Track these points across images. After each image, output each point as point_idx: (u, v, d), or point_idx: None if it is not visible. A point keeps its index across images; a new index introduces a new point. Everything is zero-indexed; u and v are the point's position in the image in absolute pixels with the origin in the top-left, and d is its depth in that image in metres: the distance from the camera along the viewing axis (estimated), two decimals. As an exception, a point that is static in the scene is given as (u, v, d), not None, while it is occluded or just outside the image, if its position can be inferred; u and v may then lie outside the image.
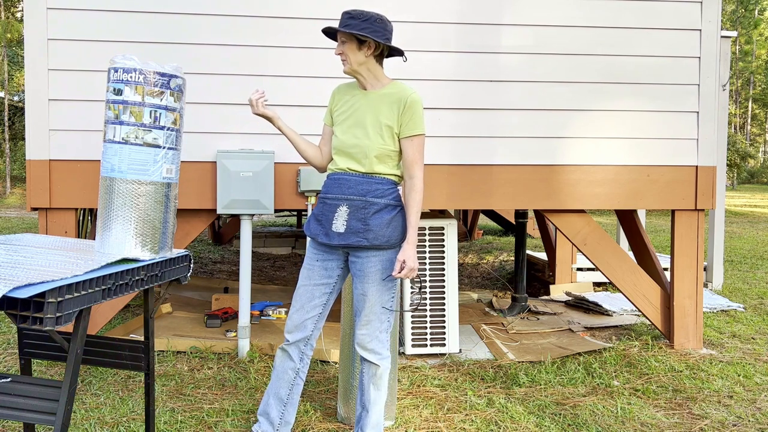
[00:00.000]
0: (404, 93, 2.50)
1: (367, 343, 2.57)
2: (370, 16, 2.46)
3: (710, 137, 4.32)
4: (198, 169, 3.99)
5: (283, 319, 4.87)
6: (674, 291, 4.38)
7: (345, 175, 2.52)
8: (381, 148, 2.49)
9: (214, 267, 7.86)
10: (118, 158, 2.14)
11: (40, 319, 1.66)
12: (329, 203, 2.54)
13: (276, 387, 2.67)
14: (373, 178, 2.50)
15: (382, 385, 2.62)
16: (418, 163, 2.50)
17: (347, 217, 2.48)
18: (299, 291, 2.63)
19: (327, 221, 2.53)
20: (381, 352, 2.59)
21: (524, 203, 4.21)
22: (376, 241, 2.47)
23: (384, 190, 2.50)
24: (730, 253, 9.30)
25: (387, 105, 2.51)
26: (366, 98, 2.54)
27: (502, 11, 4.14)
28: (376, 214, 2.47)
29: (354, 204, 2.49)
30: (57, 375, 3.69)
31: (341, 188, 2.51)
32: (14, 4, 22.63)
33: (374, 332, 2.57)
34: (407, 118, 2.49)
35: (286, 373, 2.66)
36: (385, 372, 2.62)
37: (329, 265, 2.61)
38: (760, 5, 35.51)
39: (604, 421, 3.15)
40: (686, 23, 4.27)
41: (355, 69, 2.51)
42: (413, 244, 2.48)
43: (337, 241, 2.50)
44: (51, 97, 3.86)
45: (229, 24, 3.96)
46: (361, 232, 2.47)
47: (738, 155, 18.68)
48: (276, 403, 2.67)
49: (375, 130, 2.50)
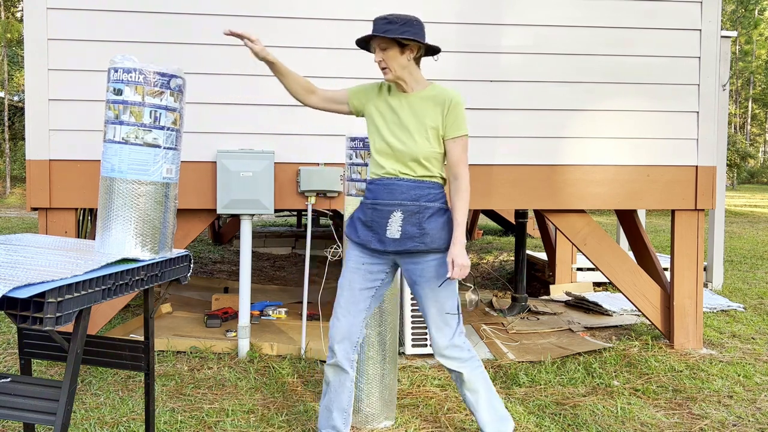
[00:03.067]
0: (447, 95, 2.48)
1: (444, 350, 2.54)
2: (408, 19, 2.42)
3: (710, 137, 4.32)
4: (198, 169, 3.99)
5: (283, 318, 4.87)
6: (674, 291, 4.38)
7: (395, 180, 2.49)
8: (428, 151, 2.47)
9: (214, 267, 7.86)
10: (118, 158, 2.14)
11: (40, 319, 1.66)
12: (380, 209, 2.50)
13: (337, 401, 2.65)
14: (424, 182, 2.49)
15: (479, 387, 2.58)
16: (463, 164, 2.49)
17: (402, 222, 2.47)
18: (343, 296, 2.59)
19: (380, 227, 2.50)
20: (460, 356, 2.56)
21: (524, 203, 4.21)
22: (433, 245, 2.46)
23: (435, 194, 2.50)
24: (730, 253, 9.30)
25: (431, 107, 2.48)
26: (407, 101, 2.51)
27: (503, 11, 4.14)
28: (431, 218, 2.47)
29: (408, 209, 2.46)
30: (57, 375, 3.69)
31: (393, 194, 2.48)
32: (14, 4, 22.64)
33: (447, 337, 2.54)
34: (451, 119, 2.47)
35: (344, 385, 2.64)
36: (473, 374, 2.57)
37: (374, 269, 2.58)
38: (760, 5, 35.50)
39: (604, 421, 3.15)
40: (686, 23, 4.27)
41: (398, 75, 2.47)
42: (460, 243, 2.46)
43: (393, 247, 2.49)
44: (51, 97, 3.86)
45: (229, 24, 3.96)
46: (417, 237, 2.46)
47: (738, 155, 18.69)
48: (340, 414, 2.66)
49: (420, 133, 2.47)
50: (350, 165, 3.10)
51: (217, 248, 9.55)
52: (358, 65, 4.03)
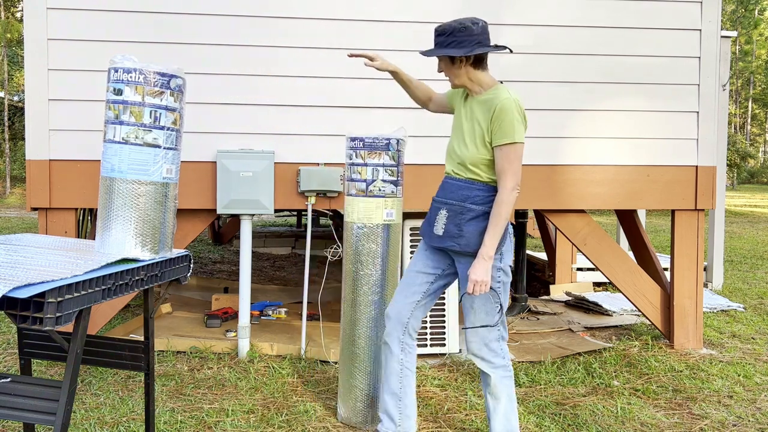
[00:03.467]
0: (496, 99, 2.43)
1: (477, 350, 2.56)
2: (453, 29, 2.43)
3: (710, 137, 4.32)
4: (198, 169, 3.99)
5: (283, 318, 4.87)
6: (674, 291, 4.38)
7: (449, 179, 2.57)
8: (475, 157, 2.47)
9: (214, 267, 7.86)
10: (118, 158, 2.14)
11: (40, 319, 1.66)
12: (434, 205, 2.61)
13: (387, 383, 2.72)
14: (474, 183, 2.49)
15: (501, 395, 2.57)
16: (505, 173, 2.40)
17: (446, 220, 2.52)
18: (404, 276, 2.71)
19: (430, 222, 2.61)
20: (492, 360, 2.55)
21: (524, 203, 4.21)
22: (467, 248, 2.46)
23: (483, 197, 2.46)
24: (730, 253, 9.30)
25: (482, 112, 2.48)
26: (470, 105, 2.55)
27: (502, 11, 4.14)
28: (471, 221, 2.46)
29: (453, 209, 2.50)
30: (57, 375, 3.69)
31: (444, 192, 2.56)
32: (14, 4, 22.63)
33: (483, 339, 2.54)
34: (496, 125, 2.41)
35: (392, 366, 2.70)
36: (500, 382, 2.55)
37: (434, 257, 2.66)
38: (760, 5, 35.50)
39: (604, 421, 3.15)
40: (686, 23, 4.26)
41: (460, 82, 2.53)
42: (484, 258, 2.40)
43: (436, 243, 2.56)
44: (51, 97, 3.86)
45: (229, 24, 3.96)
46: (455, 237, 2.48)
47: (738, 155, 18.69)
48: (391, 398, 2.71)
49: (471, 138, 2.50)
50: (350, 165, 3.10)
51: (217, 248, 9.55)
52: (357, 65, 4.03)
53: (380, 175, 3.03)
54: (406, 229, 4.12)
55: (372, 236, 3.05)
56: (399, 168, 3.08)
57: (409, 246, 4.11)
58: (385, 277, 3.09)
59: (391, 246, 3.09)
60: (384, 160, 3.03)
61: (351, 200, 3.10)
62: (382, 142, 3.01)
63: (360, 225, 3.06)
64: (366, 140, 3.02)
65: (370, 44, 4.04)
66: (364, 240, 3.06)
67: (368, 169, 3.03)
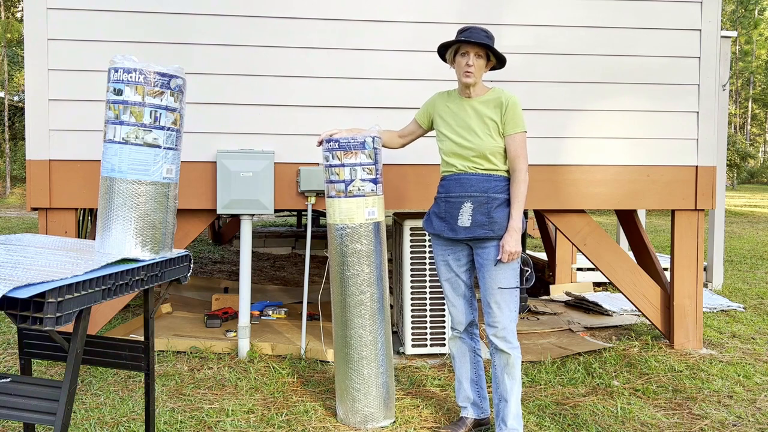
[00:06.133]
0: (504, 96, 2.81)
1: (500, 331, 2.79)
2: (490, 34, 2.79)
3: (710, 137, 4.32)
4: (198, 169, 3.99)
5: (283, 318, 4.87)
6: (674, 291, 4.38)
7: (466, 175, 2.81)
8: (493, 146, 2.78)
9: (214, 267, 7.86)
10: (118, 158, 2.14)
11: (40, 319, 1.66)
12: (452, 201, 2.82)
13: (464, 370, 3.01)
14: (492, 176, 2.79)
15: (516, 374, 2.81)
16: (520, 158, 2.78)
17: (472, 212, 2.77)
18: (444, 288, 2.99)
19: (451, 218, 2.82)
20: (512, 341, 2.80)
21: (524, 203, 4.20)
22: (501, 232, 2.75)
23: (502, 187, 2.79)
24: (730, 253, 9.30)
25: (491, 109, 2.80)
26: (470, 105, 2.84)
27: (502, 11, 4.14)
28: (498, 208, 2.76)
29: (478, 200, 2.77)
30: (57, 375, 3.69)
31: (463, 187, 2.80)
32: (14, 4, 22.64)
33: (504, 321, 2.78)
34: (509, 117, 2.78)
35: (466, 355, 3.00)
36: (517, 361, 2.81)
37: (458, 255, 2.91)
38: (760, 5, 35.50)
39: (604, 421, 3.15)
40: (686, 23, 4.26)
41: (474, 81, 2.80)
42: (514, 230, 2.74)
43: (464, 234, 2.79)
44: (51, 97, 3.86)
45: (229, 24, 3.96)
46: (486, 225, 2.75)
47: (738, 155, 18.69)
48: (470, 385, 3.01)
49: (484, 131, 2.79)
50: (327, 167, 3.06)
51: (217, 248, 9.55)
52: (358, 65, 4.03)
53: (358, 175, 3.01)
54: (406, 229, 4.11)
55: (355, 236, 3.03)
56: (377, 166, 3.05)
57: (409, 246, 4.11)
58: (372, 275, 3.07)
59: (375, 244, 3.08)
60: (361, 159, 3.00)
61: (332, 202, 3.06)
62: (358, 142, 3.00)
63: (341, 226, 3.04)
64: (341, 141, 2.99)
65: (370, 44, 4.04)
66: (348, 241, 3.04)
67: (346, 169, 3.01)
